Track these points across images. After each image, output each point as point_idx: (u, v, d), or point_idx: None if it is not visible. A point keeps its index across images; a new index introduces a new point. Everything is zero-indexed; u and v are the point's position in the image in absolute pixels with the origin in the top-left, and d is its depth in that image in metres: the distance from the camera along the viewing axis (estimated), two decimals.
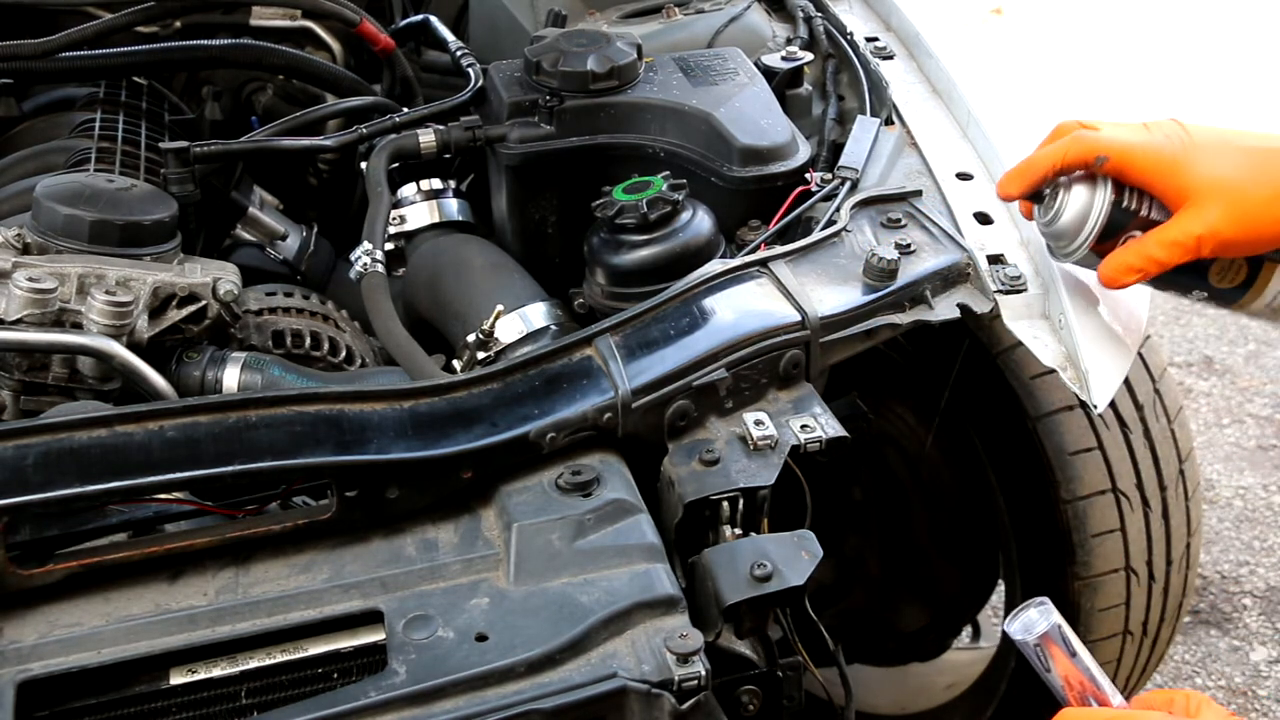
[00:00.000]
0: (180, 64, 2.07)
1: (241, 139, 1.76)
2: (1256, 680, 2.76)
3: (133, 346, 1.44)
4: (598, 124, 1.69)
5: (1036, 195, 1.36)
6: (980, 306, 1.44)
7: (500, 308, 1.54)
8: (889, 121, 1.73)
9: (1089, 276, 1.38)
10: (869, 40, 1.92)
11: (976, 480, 1.99)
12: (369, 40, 2.02)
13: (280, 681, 1.10)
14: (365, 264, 1.50)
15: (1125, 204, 1.29)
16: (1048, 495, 1.84)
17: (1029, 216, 1.42)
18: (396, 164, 1.73)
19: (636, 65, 1.72)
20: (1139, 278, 1.29)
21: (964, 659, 2.37)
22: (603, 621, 1.09)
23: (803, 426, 1.29)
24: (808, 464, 1.31)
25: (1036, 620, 1.11)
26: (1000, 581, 2.22)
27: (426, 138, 1.71)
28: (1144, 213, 1.29)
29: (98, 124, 1.79)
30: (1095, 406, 1.38)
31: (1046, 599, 1.13)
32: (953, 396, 1.93)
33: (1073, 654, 1.10)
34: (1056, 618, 1.12)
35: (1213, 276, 1.34)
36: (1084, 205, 1.30)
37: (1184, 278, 1.34)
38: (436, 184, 1.85)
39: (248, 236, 1.89)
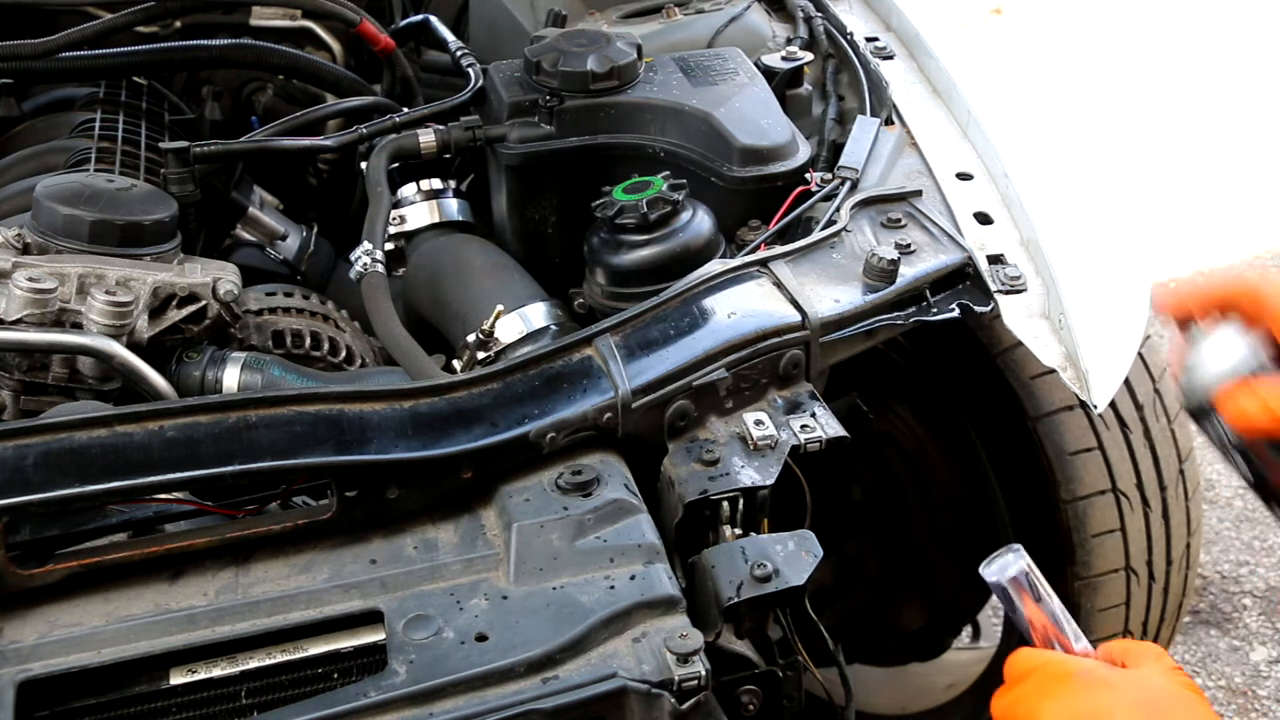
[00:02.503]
0: (180, 64, 2.08)
1: (241, 139, 1.76)
2: (1256, 680, 2.76)
3: (133, 346, 1.44)
4: (598, 124, 1.69)
5: (1190, 324, 1.32)
6: (980, 306, 1.44)
7: (500, 308, 1.54)
8: (889, 121, 1.73)
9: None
10: (869, 40, 1.92)
11: (976, 480, 1.99)
12: (369, 40, 2.02)
13: (280, 681, 1.10)
14: (365, 264, 1.50)
15: (1264, 364, 1.21)
16: (1048, 495, 1.84)
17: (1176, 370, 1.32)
18: (396, 164, 1.73)
19: (636, 65, 1.72)
20: (1267, 420, 1.19)
21: (964, 659, 2.36)
22: (603, 621, 1.09)
23: (803, 426, 1.29)
24: (807, 464, 1.31)
25: (1009, 564, 1.15)
26: None
27: (426, 138, 1.71)
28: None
29: (98, 124, 1.79)
30: (1095, 406, 1.38)
31: (1020, 546, 1.16)
32: (953, 396, 1.93)
33: (1039, 599, 1.14)
34: (1026, 563, 1.15)
35: None
36: (1222, 354, 1.22)
37: (1267, 492, 1.29)
38: (436, 184, 1.85)
39: (248, 236, 1.89)
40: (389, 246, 1.72)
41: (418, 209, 1.82)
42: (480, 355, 1.55)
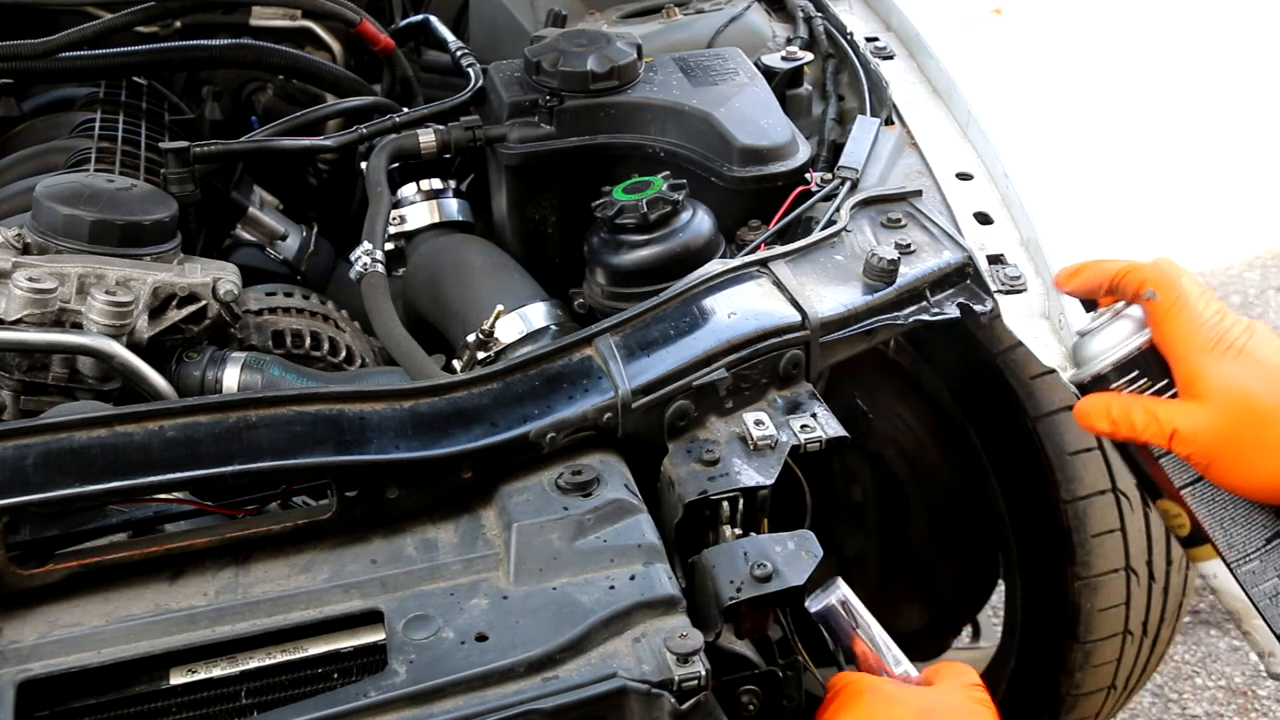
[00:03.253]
0: (180, 64, 2.08)
1: (241, 139, 1.76)
2: (1256, 680, 2.75)
3: (133, 346, 1.44)
4: (598, 124, 1.69)
5: (1089, 304, 1.33)
6: (980, 306, 1.44)
7: (500, 308, 1.54)
8: (889, 121, 1.73)
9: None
10: (869, 40, 1.92)
11: (976, 480, 1.99)
12: (369, 40, 2.02)
13: (280, 681, 1.10)
14: (365, 264, 1.50)
15: (1145, 366, 1.23)
16: (1048, 495, 1.84)
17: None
18: (396, 164, 1.73)
19: (636, 65, 1.72)
20: (1106, 427, 1.23)
21: (964, 659, 2.36)
22: (603, 621, 1.09)
23: (803, 426, 1.29)
24: (807, 464, 1.31)
25: (828, 596, 1.20)
26: (1000, 581, 2.22)
27: (426, 138, 1.71)
28: (1156, 384, 1.23)
29: (98, 124, 1.79)
30: None
31: (839, 578, 1.20)
32: (953, 396, 1.93)
33: (857, 626, 1.19)
34: (844, 594, 1.19)
35: (1158, 507, 1.30)
36: (1114, 336, 1.24)
37: (1145, 486, 1.30)
38: (436, 184, 1.85)
39: (248, 236, 1.89)
40: (389, 246, 1.72)
41: (418, 209, 1.82)
42: (480, 355, 1.55)
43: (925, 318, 1.42)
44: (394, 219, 1.78)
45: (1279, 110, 4.86)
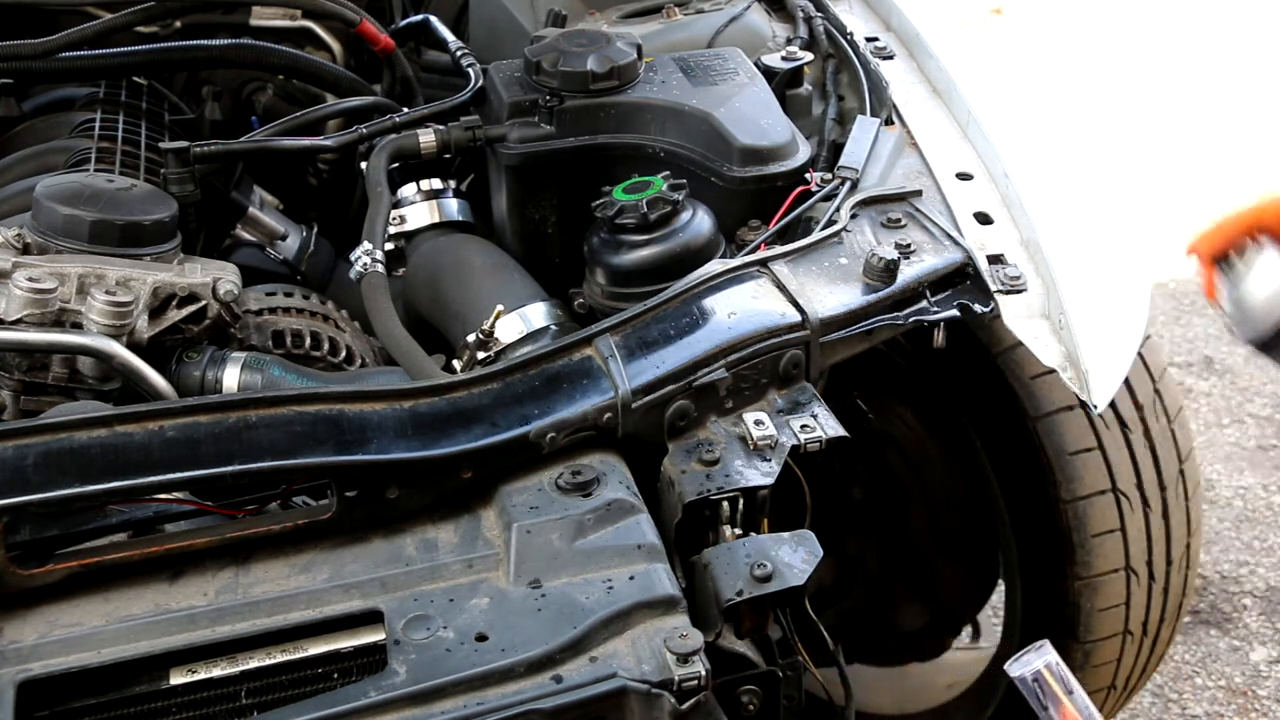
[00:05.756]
0: (180, 64, 2.08)
1: (241, 139, 1.76)
2: (1256, 680, 2.75)
3: (133, 346, 1.44)
4: (598, 124, 1.69)
5: (1225, 260, 1.27)
6: (980, 306, 1.44)
7: (500, 308, 1.54)
8: (889, 121, 1.73)
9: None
10: (869, 40, 1.92)
11: (976, 480, 1.99)
12: (369, 40, 2.02)
13: (280, 681, 1.10)
14: (365, 264, 1.51)
15: None
16: (1048, 495, 1.84)
17: (1211, 296, 1.29)
18: (396, 164, 1.73)
19: (636, 65, 1.72)
20: None
21: (964, 659, 2.36)
22: (603, 621, 1.09)
23: (803, 426, 1.29)
24: (807, 464, 1.31)
25: (1034, 660, 1.15)
26: (1000, 581, 2.22)
27: (426, 138, 1.71)
28: None
29: (98, 124, 1.79)
30: (1095, 406, 1.38)
31: (1046, 641, 1.15)
32: (953, 396, 1.93)
33: (1069, 692, 1.14)
34: (1053, 657, 1.15)
35: None
36: (1273, 276, 1.18)
37: None
38: (436, 184, 1.85)
39: (248, 236, 1.89)
40: (389, 246, 1.72)
41: (418, 209, 1.82)
42: (480, 355, 1.55)
43: (925, 318, 1.42)
44: (394, 219, 1.78)
45: (1278, 109, 4.86)
